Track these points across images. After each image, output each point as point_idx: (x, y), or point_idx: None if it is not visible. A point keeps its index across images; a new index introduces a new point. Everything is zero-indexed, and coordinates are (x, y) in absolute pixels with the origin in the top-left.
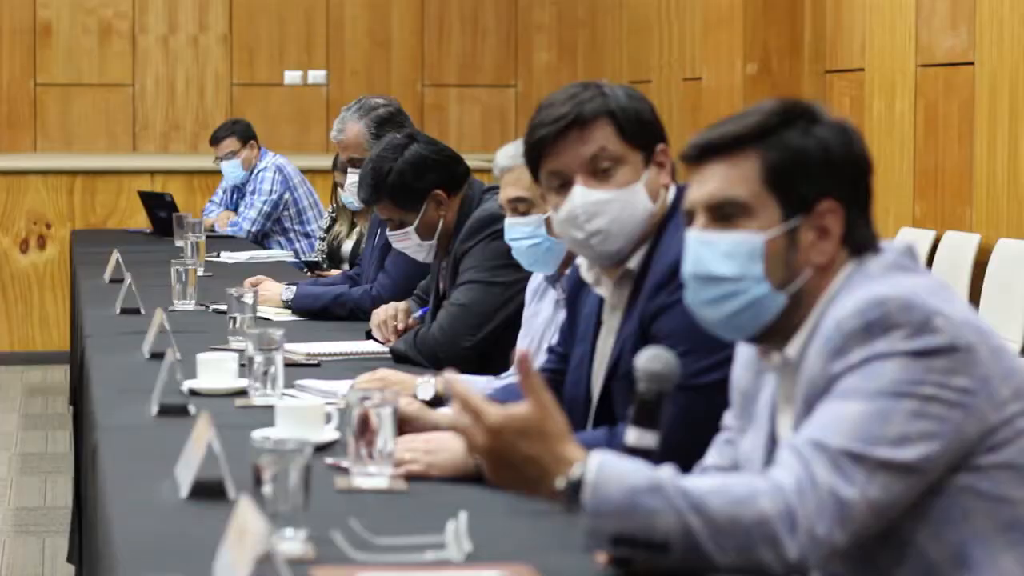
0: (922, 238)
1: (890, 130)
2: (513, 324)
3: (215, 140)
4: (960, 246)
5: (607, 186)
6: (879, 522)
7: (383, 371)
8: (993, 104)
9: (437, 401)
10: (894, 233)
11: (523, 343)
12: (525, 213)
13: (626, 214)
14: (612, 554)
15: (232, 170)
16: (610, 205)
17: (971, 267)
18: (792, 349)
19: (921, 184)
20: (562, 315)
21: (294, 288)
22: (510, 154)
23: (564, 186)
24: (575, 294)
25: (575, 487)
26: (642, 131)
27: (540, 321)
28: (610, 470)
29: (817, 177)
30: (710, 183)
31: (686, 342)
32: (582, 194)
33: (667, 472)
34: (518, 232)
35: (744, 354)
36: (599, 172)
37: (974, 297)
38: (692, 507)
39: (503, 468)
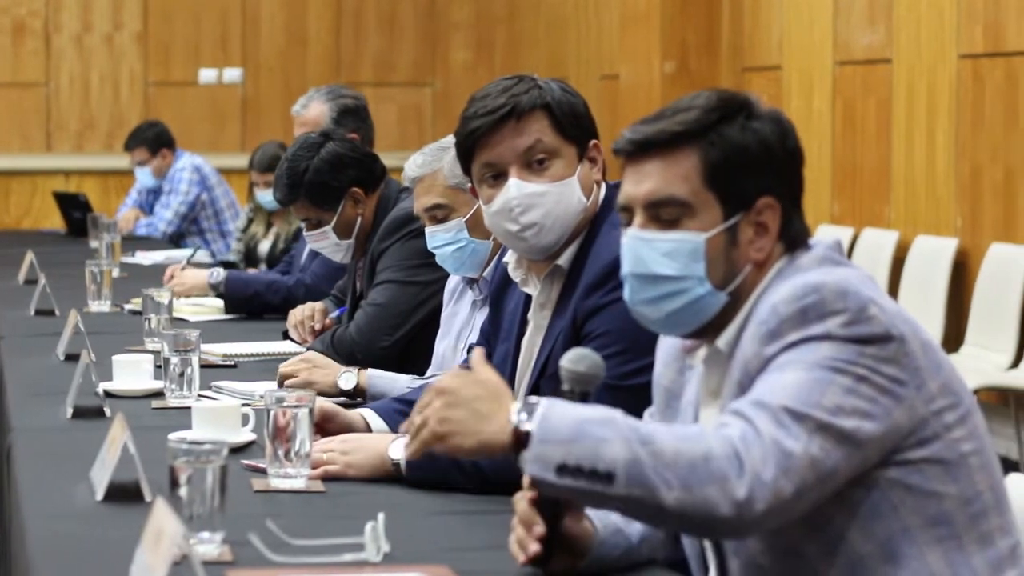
0: (840, 235)
1: (808, 127)
2: (431, 324)
3: (126, 148)
4: (878, 243)
5: (542, 179)
6: (819, 489)
7: (311, 353)
8: (911, 102)
9: (358, 392)
10: (812, 231)
11: (441, 344)
12: (443, 220)
13: (560, 208)
14: (552, 486)
15: (144, 178)
16: (545, 198)
17: (889, 264)
18: (722, 341)
19: (839, 182)
20: (479, 316)
21: (222, 272)
22: (418, 163)
23: (498, 178)
24: (499, 292)
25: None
26: (577, 125)
27: (458, 322)
28: (562, 404)
29: (757, 174)
30: (648, 180)
31: (620, 342)
32: (517, 186)
33: (619, 412)
34: (440, 239)
35: (666, 351)
36: (534, 164)
37: (892, 294)
38: (641, 439)
39: (453, 410)
